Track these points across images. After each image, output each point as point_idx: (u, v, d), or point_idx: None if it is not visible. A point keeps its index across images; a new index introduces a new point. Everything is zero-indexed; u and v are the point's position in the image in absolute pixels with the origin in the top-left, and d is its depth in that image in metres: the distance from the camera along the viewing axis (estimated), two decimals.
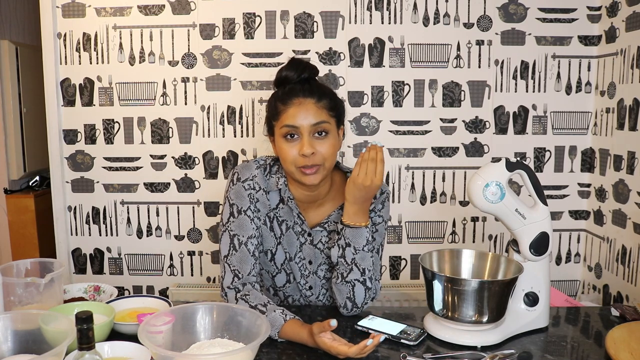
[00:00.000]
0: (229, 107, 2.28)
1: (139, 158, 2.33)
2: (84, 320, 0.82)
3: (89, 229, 2.38)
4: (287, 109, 1.22)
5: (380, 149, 1.20)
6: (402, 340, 1.16)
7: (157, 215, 2.36)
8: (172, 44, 2.26)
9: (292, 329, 1.14)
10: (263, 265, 1.37)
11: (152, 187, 2.35)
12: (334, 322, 1.05)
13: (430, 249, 1.31)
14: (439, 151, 2.30)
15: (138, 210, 2.36)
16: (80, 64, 2.28)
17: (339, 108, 1.28)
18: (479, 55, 2.25)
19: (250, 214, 1.28)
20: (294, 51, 2.22)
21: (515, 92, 2.27)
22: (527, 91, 2.28)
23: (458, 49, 2.24)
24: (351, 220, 1.25)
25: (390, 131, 2.29)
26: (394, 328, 1.20)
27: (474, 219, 2.35)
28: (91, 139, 2.32)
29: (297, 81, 1.25)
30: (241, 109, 2.28)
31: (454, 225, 2.36)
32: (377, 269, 1.33)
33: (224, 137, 2.30)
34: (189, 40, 2.25)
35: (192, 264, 2.40)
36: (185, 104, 2.29)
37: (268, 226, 1.33)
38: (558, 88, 2.28)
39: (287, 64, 1.28)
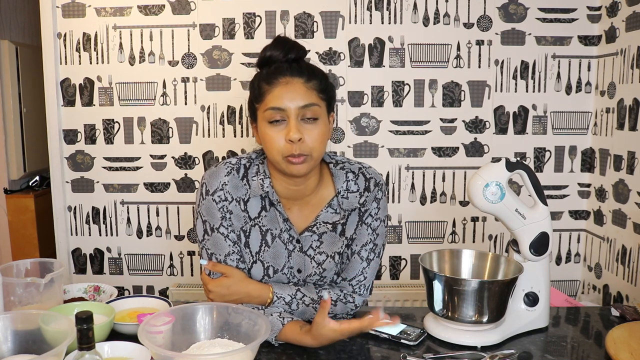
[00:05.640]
0: (229, 107, 2.28)
1: (139, 158, 2.33)
2: (84, 320, 0.82)
3: (89, 229, 2.38)
4: (272, 89, 1.10)
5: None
6: (402, 340, 1.16)
7: (157, 215, 2.36)
8: (172, 44, 2.25)
9: (291, 333, 1.11)
10: None
11: (152, 187, 2.34)
12: (326, 296, 1.02)
13: (430, 249, 1.31)
14: (439, 151, 2.30)
15: (138, 210, 2.36)
16: (80, 64, 2.28)
17: (330, 91, 1.16)
18: (479, 55, 2.25)
19: (223, 230, 1.18)
20: None
21: (515, 92, 2.27)
22: (527, 91, 2.27)
23: (458, 49, 2.24)
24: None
25: (390, 131, 2.28)
26: (394, 328, 1.20)
27: (474, 219, 2.35)
28: (91, 139, 2.32)
29: (284, 61, 1.14)
30: (241, 109, 2.28)
31: (454, 225, 2.36)
32: (373, 274, 1.26)
33: (224, 137, 2.30)
34: (189, 40, 2.25)
35: (192, 264, 2.40)
36: (185, 104, 2.29)
37: (243, 242, 1.21)
38: (558, 88, 2.28)
39: (272, 42, 1.15)
